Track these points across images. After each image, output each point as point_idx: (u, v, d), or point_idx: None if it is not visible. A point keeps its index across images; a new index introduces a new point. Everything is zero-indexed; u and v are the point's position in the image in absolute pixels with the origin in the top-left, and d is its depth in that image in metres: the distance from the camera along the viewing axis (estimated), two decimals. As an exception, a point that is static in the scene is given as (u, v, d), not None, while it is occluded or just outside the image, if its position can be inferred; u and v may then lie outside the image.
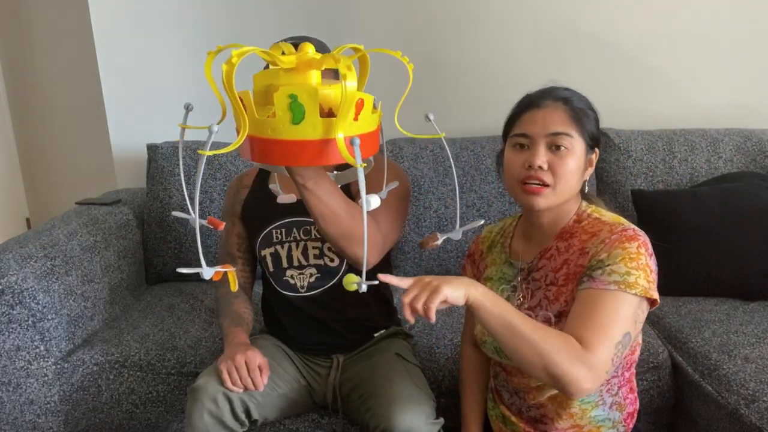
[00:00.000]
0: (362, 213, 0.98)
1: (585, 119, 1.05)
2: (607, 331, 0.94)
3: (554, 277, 1.06)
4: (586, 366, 0.91)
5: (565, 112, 1.04)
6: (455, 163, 1.94)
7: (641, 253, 0.98)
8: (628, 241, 0.98)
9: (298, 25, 2.08)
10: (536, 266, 1.10)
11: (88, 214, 1.81)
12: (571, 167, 1.02)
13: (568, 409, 1.08)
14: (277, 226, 1.38)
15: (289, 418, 1.40)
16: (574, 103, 1.05)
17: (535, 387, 1.10)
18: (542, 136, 1.03)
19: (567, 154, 1.02)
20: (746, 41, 2.12)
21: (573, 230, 1.07)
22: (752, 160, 1.93)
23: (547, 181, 1.02)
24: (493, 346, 1.13)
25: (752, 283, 1.67)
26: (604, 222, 1.05)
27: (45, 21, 2.41)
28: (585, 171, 1.07)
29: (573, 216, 1.09)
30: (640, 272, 0.97)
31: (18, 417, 1.52)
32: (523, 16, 2.10)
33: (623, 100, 2.17)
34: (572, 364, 0.90)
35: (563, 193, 1.03)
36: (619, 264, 0.97)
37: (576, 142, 1.03)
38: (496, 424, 1.21)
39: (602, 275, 0.97)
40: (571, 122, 1.03)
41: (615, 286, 0.96)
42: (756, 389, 1.29)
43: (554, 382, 0.93)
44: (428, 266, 1.96)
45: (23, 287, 1.46)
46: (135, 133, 2.18)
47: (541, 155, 1.02)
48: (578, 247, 1.04)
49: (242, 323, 1.35)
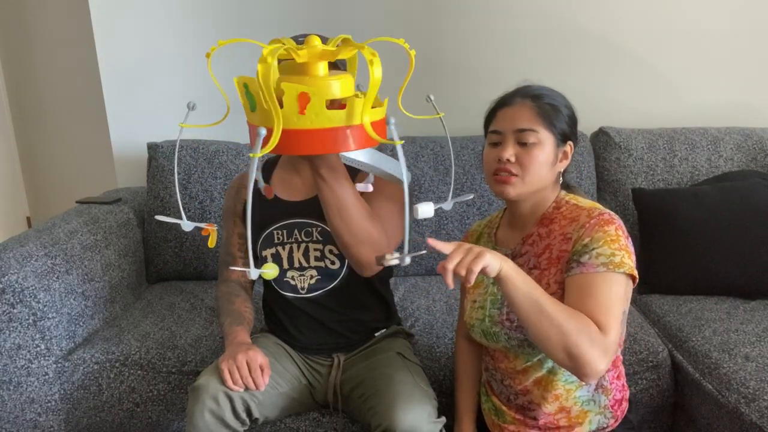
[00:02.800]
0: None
1: (554, 115, 1.11)
2: (612, 311, 1.00)
3: (537, 261, 1.12)
4: (601, 348, 0.96)
5: (532, 109, 1.11)
6: (456, 161, 1.94)
7: (620, 235, 1.05)
8: (606, 225, 1.05)
9: (298, 23, 2.08)
10: (520, 252, 1.16)
11: (88, 213, 1.81)
12: (537, 159, 1.09)
13: (553, 391, 1.12)
14: (279, 227, 1.38)
15: (290, 416, 1.41)
16: (543, 99, 1.12)
17: (521, 370, 1.14)
18: (511, 131, 1.11)
19: (533, 147, 1.10)
20: (747, 40, 2.12)
21: (553, 216, 1.14)
22: (753, 158, 1.93)
23: (514, 171, 1.10)
24: (481, 329, 1.17)
25: (753, 282, 1.67)
26: (582, 207, 1.11)
27: (46, 20, 2.41)
28: (558, 162, 1.13)
29: (552, 203, 1.15)
30: (623, 252, 1.03)
31: (19, 416, 1.52)
32: (525, 15, 2.09)
33: (624, 99, 2.17)
34: (591, 345, 0.95)
35: (532, 182, 1.11)
36: (603, 246, 1.03)
37: (543, 136, 1.10)
38: (489, 417, 1.24)
39: (590, 259, 1.03)
40: (537, 118, 1.10)
41: (604, 267, 1.02)
42: (756, 388, 1.29)
43: (571, 363, 0.96)
44: (428, 265, 1.96)
45: (24, 286, 1.46)
46: (135, 131, 2.18)
47: (509, 149, 1.10)
48: (559, 232, 1.10)
49: (243, 322, 1.35)
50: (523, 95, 1.13)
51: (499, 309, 1.14)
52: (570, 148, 1.15)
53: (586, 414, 1.13)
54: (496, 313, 1.14)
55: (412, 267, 1.97)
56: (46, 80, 2.49)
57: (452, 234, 1.92)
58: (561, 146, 1.13)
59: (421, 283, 1.91)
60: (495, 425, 1.21)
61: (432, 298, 1.78)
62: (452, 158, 1.12)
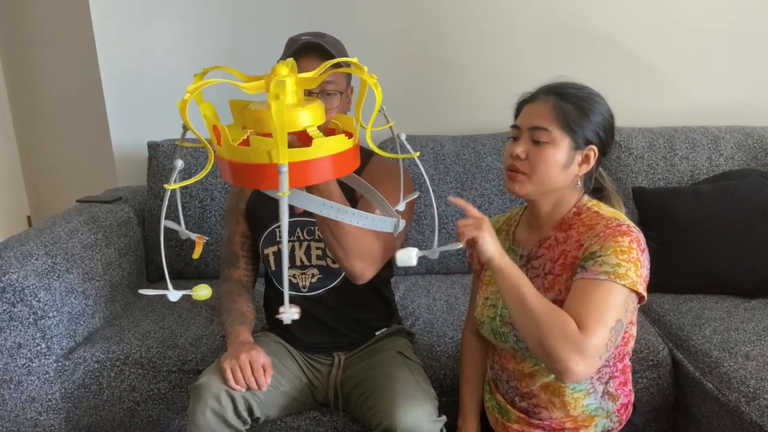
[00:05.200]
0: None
1: (576, 117, 1.06)
2: (601, 316, 0.98)
3: (552, 266, 1.10)
4: (577, 348, 0.95)
5: (551, 107, 1.07)
6: (457, 160, 1.94)
7: (633, 247, 1.02)
8: (621, 235, 1.02)
9: (299, 23, 2.08)
10: (536, 254, 1.14)
11: (89, 212, 1.81)
12: (546, 159, 1.06)
13: (561, 397, 1.10)
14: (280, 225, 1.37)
15: (291, 415, 1.41)
16: (569, 99, 1.07)
17: (528, 373, 1.13)
18: (527, 128, 1.09)
19: (545, 147, 1.06)
20: (747, 38, 2.11)
21: (572, 222, 1.11)
22: (753, 157, 1.93)
23: (522, 169, 1.08)
24: (491, 327, 1.16)
25: (753, 281, 1.67)
26: (602, 216, 1.08)
27: (46, 18, 2.41)
28: (576, 166, 1.09)
29: (573, 208, 1.12)
30: (630, 265, 1.00)
31: (20, 414, 1.53)
32: (526, 14, 2.09)
33: (624, 98, 2.14)
34: (564, 341, 0.95)
35: (541, 182, 1.08)
36: (610, 255, 1.01)
37: (557, 136, 1.06)
38: (492, 415, 1.23)
39: (594, 266, 1.01)
40: (553, 118, 1.06)
41: (605, 276, 1.00)
42: (757, 387, 1.29)
43: (546, 358, 0.98)
44: (429, 264, 1.96)
45: (24, 285, 1.46)
46: (136, 130, 2.18)
47: (521, 146, 1.08)
48: (575, 239, 1.08)
49: (245, 321, 1.35)
50: (548, 91, 1.10)
51: None
52: (593, 153, 1.09)
53: (592, 418, 1.12)
54: (507, 313, 1.12)
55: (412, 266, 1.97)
56: (46, 79, 2.48)
57: (453, 233, 1.92)
58: (580, 149, 1.08)
59: (422, 282, 1.91)
60: (498, 423, 1.21)
61: (432, 297, 1.78)
62: (434, 205, 0.93)
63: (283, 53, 1.31)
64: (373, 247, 1.18)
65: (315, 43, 1.25)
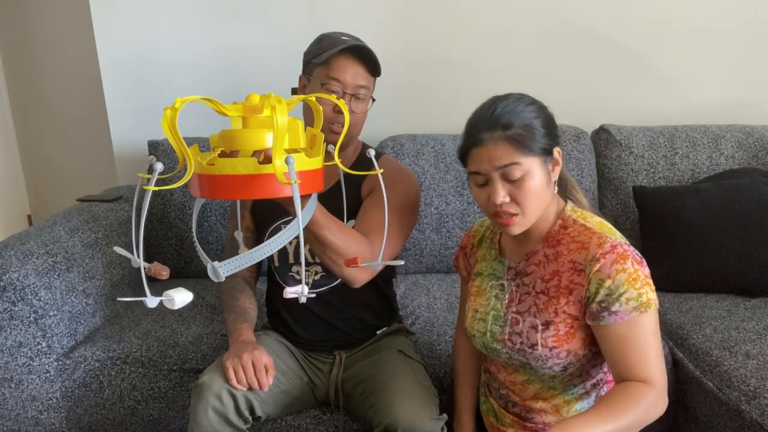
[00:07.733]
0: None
1: (530, 137, 1.01)
2: (652, 351, 1.00)
3: (545, 286, 1.08)
4: (658, 400, 0.98)
5: (506, 142, 1.00)
6: (457, 159, 1.92)
7: (636, 268, 1.00)
8: (622, 260, 1.00)
9: (299, 22, 2.08)
10: (525, 270, 1.11)
11: (89, 211, 1.81)
12: (531, 191, 1.02)
13: (552, 401, 1.11)
14: (287, 221, 1.37)
15: (291, 414, 1.41)
16: (514, 126, 1.01)
17: (519, 383, 1.13)
18: (493, 170, 1.02)
19: (523, 181, 1.01)
20: (748, 37, 2.12)
21: (559, 236, 1.08)
22: (754, 156, 1.93)
23: (513, 211, 1.03)
24: (482, 341, 1.15)
25: (753, 280, 1.67)
26: (591, 230, 1.05)
27: (46, 18, 2.41)
28: (551, 176, 1.06)
29: (557, 220, 1.09)
30: (646, 288, 1.00)
31: (20, 413, 1.53)
32: (525, 14, 2.09)
33: (624, 97, 2.17)
34: (655, 409, 0.98)
35: (537, 211, 1.05)
36: (629, 290, 0.99)
37: (528, 163, 1.01)
38: (487, 419, 1.23)
39: (621, 306, 0.99)
40: (515, 151, 1.00)
41: (636, 312, 0.99)
42: (757, 385, 1.29)
43: None
44: (429, 263, 1.96)
45: (25, 284, 1.46)
46: (136, 129, 2.18)
47: (500, 191, 1.02)
48: (567, 258, 1.05)
49: (247, 319, 1.35)
50: (490, 128, 1.02)
51: (502, 327, 1.11)
52: (558, 154, 1.06)
53: None
54: (498, 330, 1.12)
55: (412, 265, 1.97)
56: (46, 78, 2.49)
57: (453, 232, 1.92)
58: (548, 160, 1.05)
59: (422, 280, 1.91)
60: (494, 427, 1.21)
61: (433, 295, 1.78)
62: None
63: (320, 50, 1.29)
64: (363, 256, 1.16)
65: (363, 47, 1.26)
